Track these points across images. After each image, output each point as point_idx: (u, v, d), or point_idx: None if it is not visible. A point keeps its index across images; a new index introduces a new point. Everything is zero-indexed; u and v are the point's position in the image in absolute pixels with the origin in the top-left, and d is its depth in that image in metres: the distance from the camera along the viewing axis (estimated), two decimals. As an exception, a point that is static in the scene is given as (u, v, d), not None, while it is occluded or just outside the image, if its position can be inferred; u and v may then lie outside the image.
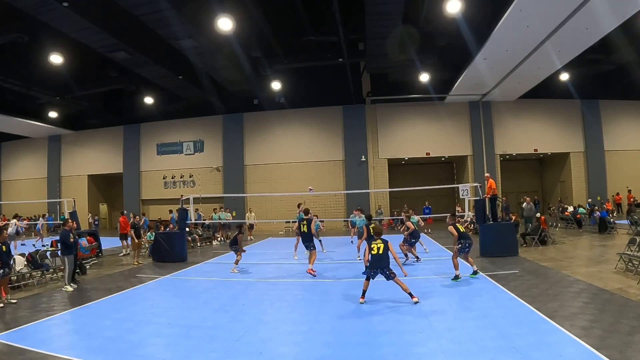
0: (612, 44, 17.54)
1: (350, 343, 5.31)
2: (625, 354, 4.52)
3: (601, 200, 22.19)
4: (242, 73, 20.06)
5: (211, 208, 20.90)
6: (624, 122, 24.73)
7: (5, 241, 8.29)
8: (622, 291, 7.13)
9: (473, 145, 24.32)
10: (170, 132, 27.01)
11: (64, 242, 9.35)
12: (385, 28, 15.63)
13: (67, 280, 9.16)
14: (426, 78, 20.75)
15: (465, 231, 9.03)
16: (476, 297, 7.44)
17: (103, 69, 20.36)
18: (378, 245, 7.17)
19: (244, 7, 14.14)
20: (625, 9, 13.14)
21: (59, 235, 9.92)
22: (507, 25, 14.30)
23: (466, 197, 14.24)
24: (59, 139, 28.87)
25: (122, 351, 5.26)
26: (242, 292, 8.64)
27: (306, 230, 9.99)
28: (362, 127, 24.65)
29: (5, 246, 8.13)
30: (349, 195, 23.63)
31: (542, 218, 14.11)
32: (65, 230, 9.52)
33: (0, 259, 7.82)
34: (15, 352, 5.25)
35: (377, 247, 7.17)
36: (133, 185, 27.29)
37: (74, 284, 9.37)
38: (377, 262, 7.13)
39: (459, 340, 5.22)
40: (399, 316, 6.44)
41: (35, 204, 26.53)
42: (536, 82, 20.99)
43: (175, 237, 13.15)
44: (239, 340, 5.54)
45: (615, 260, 9.21)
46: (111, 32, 14.98)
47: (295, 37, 18.22)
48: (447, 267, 10.55)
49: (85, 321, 6.74)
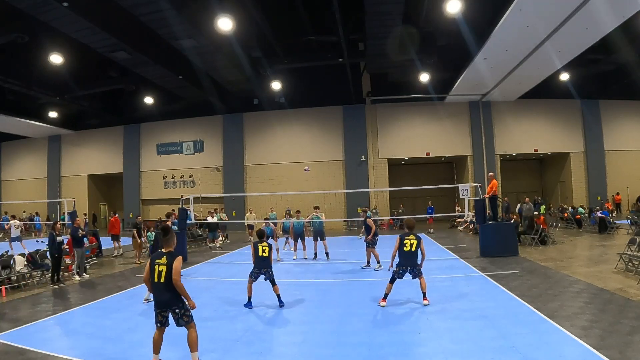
0: (612, 44, 17.52)
1: (350, 343, 5.31)
2: (625, 354, 4.52)
3: (601, 200, 22.21)
4: (242, 73, 20.07)
5: (210, 209, 20.77)
6: (624, 122, 24.74)
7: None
8: (622, 291, 7.12)
9: (473, 145, 24.32)
10: (170, 132, 27.01)
11: (74, 237, 10.51)
12: (385, 28, 15.63)
13: (75, 271, 10.46)
14: (426, 78, 20.75)
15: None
16: (476, 297, 7.43)
17: (103, 69, 20.34)
18: (411, 242, 6.61)
19: (244, 7, 14.13)
20: (625, 9, 13.14)
21: (70, 231, 11.15)
22: (507, 25, 14.29)
23: (466, 197, 14.23)
24: (59, 139, 28.88)
25: (122, 351, 5.26)
26: (242, 292, 8.63)
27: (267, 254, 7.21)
28: (362, 127, 24.65)
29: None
30: (348, 195, 23.65)
31: (541, 218, 14.15)
32: (74, 227, 10.64)
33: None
34: (15, 352, 5.25)
35: (410, 244, 6.61)
36: (133, 185, 27.29)
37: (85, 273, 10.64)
38: (408, 260, 6.63)
39: (459, 340, 5.22)
40: (399, 316, 6.44)
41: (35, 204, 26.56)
42: (536, 82, 20.99)
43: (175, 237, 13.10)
44: (239, 340, 5.54)
45: (615, 260, 9.21)
46: (111, 32, 14.97)
47: (295, 37, 18.22)
48: (448, 267, 10.57)
49: (85, 321, 6.74)
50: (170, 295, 4.51)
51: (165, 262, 4.51)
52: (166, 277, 4.47)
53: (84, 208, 25.60)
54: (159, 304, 4.59)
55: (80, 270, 10.53)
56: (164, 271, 4.48)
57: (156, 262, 4.55)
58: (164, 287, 4.50)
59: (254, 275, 7.17)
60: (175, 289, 4.47)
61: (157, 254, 4.66)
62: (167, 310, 4.57)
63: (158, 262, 4.54)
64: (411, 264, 6.67)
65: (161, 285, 4.51)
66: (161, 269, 4.50)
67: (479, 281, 8.70)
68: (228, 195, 23.71)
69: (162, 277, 4.48)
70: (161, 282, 4.50)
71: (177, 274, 4.46)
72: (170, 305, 4.55)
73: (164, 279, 4.48)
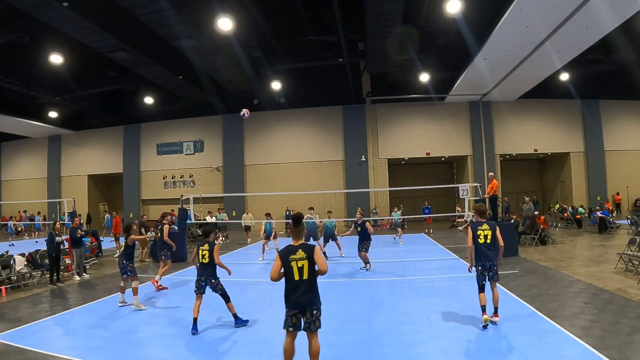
0: (612, 44, 17.54)
1: (350, 343, 5.31)
2: (625, 354, 4.52)
3: (601, 200, 22.21)
4: (242, 73, 20.07)
5: (209, 209, 20.81)
6: (624, 122, 24.74)
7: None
8: (622, 291, 7.12)
9: (473, 145, 24.33)
10: (170, 132, 27.00)
11: (72, 238, 10.51)
12: (385, 28, 15.64)
13: (75, 271, 10.46)
14: (426, 78, 20.76)
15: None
16: (476, 297, 7.40)
17: (103, 69, 20.35)
18: (485, 233, 5.45)
19: (244, 7, 14.14)
20: (625, 9, 13.15)
21: (68, 231, 11.20)
22: (507, 25, 14.30)
23: (466, 197, 14.24)
24: (59, 139, 28.87)
25: (122, 351, 5.26)
26: (242, 292, 8.64)
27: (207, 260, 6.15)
28: (362, 127, 24.65)
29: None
30: (348, 195, 23.65)
31: (542, 218, 14.15)
32: (73, 227, 10.60)
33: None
34: (15, 352, 5.25)
35: (484, 235, 5.44)
36: (133, 185, 27.29)
37: (85, 273, 10.70)
38: (485, 256, 5.44)
39: (459, 340, 5.22)
40: (399, 316, 6.44)
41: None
42: (536, 82, 21.00)
43: (175, 237, 13.11)
44: (239, 341, 5.54)
45: (615, 260, 9.21)
46: (111, 32, 14.97)
47: (295, 37, 18.23)
48: (448, 267, 10.58)
49: (85, 321, 6.73)
50: (313, 294, 3.93)
51: (305, 256, 3.89)
52: (309, 273, 3.89)
53: (84, 208, 25.59)
54: (297, 304, 3.91)
55: (80, 270, 10.56)
56: (305, 266, 3.87)
57: (291, 257, 3.92)
58: (308, 285, 3.90)
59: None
60: (316, 289, 3.98)
61: (287, 249, 4.02)
62: (305, 312, 3.91)
63: (294, 257, 3.91)
64: (489, 258, 5.48)
65: (305, 282, 3.88)
66: (301, 264, 3.87)
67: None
68: (228, 195, 23.72)
69: (305, 273, 3.87)
70: (304, 280, 3.88)
71: (324, 264, 3.91)
72: (310, 306, 3.91)
73: (307, 274, 3.87)
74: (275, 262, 4.00)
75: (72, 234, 10.53)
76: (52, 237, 9.74)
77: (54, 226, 10.23)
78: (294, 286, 3.92)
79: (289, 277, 3.93)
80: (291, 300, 3.95)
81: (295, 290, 3.92)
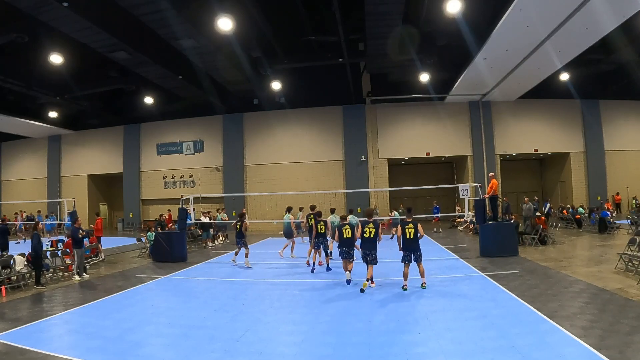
0: (612, 44, 17.52)
1: (350, 343, 5.31)
2: (625, 354, 4.52)
3: (601, 200, 22.20)
4: (242, 73, 20.05)
5: (203, 210, 20.63)
6: (624, 122, 24.72)
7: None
8: (622, 291, 7.13)
9: (473, 145, 24.32)
10: (170, 132, 27.00)
11: (74, 238, 10.61)
12: (385, 28, 15.62)
13: (75, 271, 10.50)
14: (426, 78, 20.73)
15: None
16: (476, 297, 7.44)
17: (103, 69, 20.32)
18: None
19: (244, 7, 14.13)
20: (625, 9, 13.13)
21: (70, 232, 11.33)
22: (507, 25, 14.28)
23: (466, 197, 14.24)
24: (59, 139, 28.86)
25: (122, 351, 5.26)
26: (242, 292, 8.65)
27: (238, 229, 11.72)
28: (362, 127, 24.64)
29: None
30: (349, 195, 23.65)
31: (542, 218, 14.13)
32: (75, 227, 10.70)
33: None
34: (15, 352, 5.25)
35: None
36: (133, 185, 27.28)
37: (85, 274, 10.72)
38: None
39: (459, 340, 5.22)
40: (399, 316, 6.44)
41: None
42: (536, 82, 20.98)
43: (175, 237, 13.15)
44: (239, 340, 5.54)
45: (615, 260, 9.22)
46: (111, 32, 14.95)
47: (295, 37, 18.21)
48: (448, 267, 10.57)
49: (85, 321, 6.74)
50: (416, 245, 8.02)
51: (413, 227, 7.96)
52: (414, 235, 7.96)
53: (84, 208, 25.58)
54: (410, 249, 8.00)
55: (80, 270, 10.56)
56: (412, 231, 7.95)
57: (407, 227, 7.99)
58: (413, 241, 7.96)
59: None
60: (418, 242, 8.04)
61: (404, 223, 8.15)
62: (413, 253, 7.98)
63: (407, 227, 7.98)
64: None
65: (411, 239, 7.96)
66: (410, 229, 7.95)
67: (479, 281, 8.70)
68: (228, 195, 23.72)
69: (411, 235, 7.97)
70: (410, 238, 7.96)
71: (422, 231, 8.04)
72: (415, 250, 8.01)
73: (412, 235, 7.96)
74: (398, 230, 8.29)
75: (74, 234, 10.58)
76: (38, 237, 9.70)
77: (35, 227, 10.41)
78: (409, 242, 8.03)
79: (404, 237, 8.05)
80: (406, 247, 8.06)
81: (409, 243, 8.07)
